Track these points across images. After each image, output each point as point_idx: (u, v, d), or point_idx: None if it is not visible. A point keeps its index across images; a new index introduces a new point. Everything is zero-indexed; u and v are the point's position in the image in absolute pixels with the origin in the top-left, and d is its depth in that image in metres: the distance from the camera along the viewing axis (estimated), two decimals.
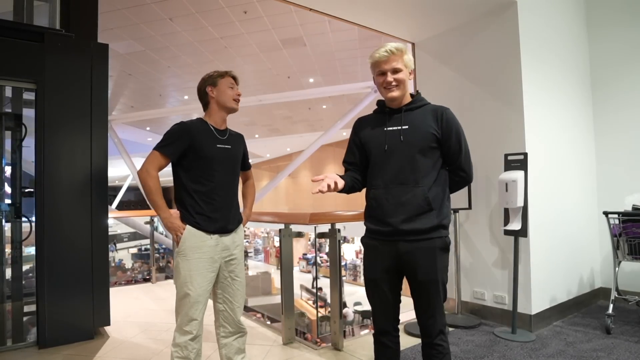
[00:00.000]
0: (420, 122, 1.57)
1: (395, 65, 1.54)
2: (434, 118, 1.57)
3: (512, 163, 2.84)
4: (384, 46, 1.56)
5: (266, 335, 2.89)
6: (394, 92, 1.56)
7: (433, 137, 1.55)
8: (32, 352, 2.58)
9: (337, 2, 3.03)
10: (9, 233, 2.83)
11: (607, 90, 3.62)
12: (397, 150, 1.56)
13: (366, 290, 1.68)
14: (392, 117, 1.61)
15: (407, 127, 1.57)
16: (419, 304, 1.58)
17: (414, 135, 1.55)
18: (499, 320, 2.98)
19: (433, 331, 1.56)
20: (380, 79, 1.58)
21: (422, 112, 1.60)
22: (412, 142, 1.54)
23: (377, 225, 1.58)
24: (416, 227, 1.51)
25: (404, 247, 1.53)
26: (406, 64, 1.57)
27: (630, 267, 3.30)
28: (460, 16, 3.20)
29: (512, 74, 2.95)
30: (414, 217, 1.51)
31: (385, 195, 1.56)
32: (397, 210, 1.53)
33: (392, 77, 1.55)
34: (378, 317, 1.65)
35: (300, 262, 7.17)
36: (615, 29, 3.57)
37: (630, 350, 2.43)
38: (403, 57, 1.56)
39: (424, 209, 1.51)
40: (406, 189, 1.53)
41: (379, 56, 1.55)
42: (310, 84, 9.63)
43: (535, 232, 2.88)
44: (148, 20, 6.18)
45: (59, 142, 2.74)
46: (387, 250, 1.56)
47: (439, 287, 1.54)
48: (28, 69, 2.68)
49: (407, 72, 1.58)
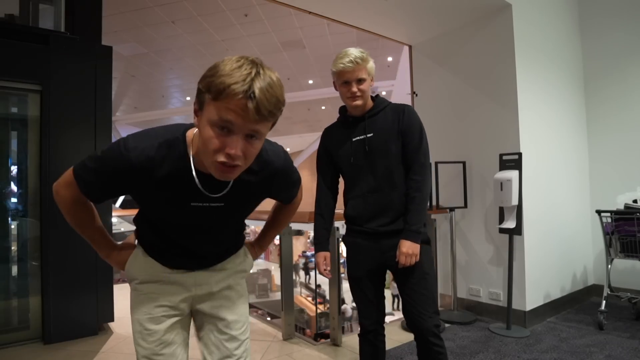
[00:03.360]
0: (383, 126, 1.58)
1: (360, 76, 1.53)
2: (396, 117, 1.58)
3: (507, 163, 2.89)
4: (348, 55, 1.52)
5: (266, 331, 2.94)
6: (358, 101, 1.56)
7: (398, 138, 1.56)
8: (37, 347, 2.63)
9: (336, 5, 3.08)
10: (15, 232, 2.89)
11: (600, 91, 3.68)
12: (366, 160, 1.58)
13: (350, 288, 1.68)
14: (357, 125, 1.62)
15: (371, 134, 1.57)
16: (405, 296, 1.56)
17: (379, 142, 1.56)
18: (494, 316, 3.04)
19: (423, 327, 1.51)
20: (343, 89, 1.57)
21: (383, 115, 1.60)
22: (379, 150, 1.56)
23: (358, 226, 1.62)
24: (395, 228, 1.54)
25: (387, 244, 1.55)
26: (369, 72, 1.56)
27: (622, 265, 3.36)
28: (457, 19, 3.26)
29: (507, 75, 3.01)
30: (394, 220, 1.55)
31: (364, 204, 1.58)
32: (375, 217, 1.56)
33: (357, 87, 1.54)
34: (363, 315, 1.64)
35: (300, 260, 7.24)
36: (608, 31, 3.63)
37: (622, 346, 2.48)
38: (367, 66, 1.54)
39: (401, 211, 1.55)
40: (383, 196, 1.56)
41: (343, 67, 1.52)
42: (309, 85, 9.71)
43: (529, 230, 2.94)
44: (151, 23, 6.25)
45: (64, 143, 2.79)
46: (369, 247, 1.59)
47: (423, 275, 1.54)
48: (33, 71, 2.72)
49: (369, 80, 1.57)
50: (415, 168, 1.56)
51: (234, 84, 0.74)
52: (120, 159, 0.86)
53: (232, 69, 0.76)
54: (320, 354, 2.49)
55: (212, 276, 1.09)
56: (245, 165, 0.84)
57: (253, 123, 0.78)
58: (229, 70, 0.76)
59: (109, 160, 0.88)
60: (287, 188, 1.13)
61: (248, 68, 0.76)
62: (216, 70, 0.77)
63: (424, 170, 1.56)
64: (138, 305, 1.05)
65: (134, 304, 1.06)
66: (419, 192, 1.54)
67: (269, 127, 0.84)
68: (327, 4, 3.07)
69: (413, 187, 1.55)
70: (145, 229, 1.07)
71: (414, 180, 1.56)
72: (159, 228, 1.03)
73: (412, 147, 1.56)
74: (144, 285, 1.06)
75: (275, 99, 0.78)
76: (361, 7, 3.08)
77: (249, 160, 0.84)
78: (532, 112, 3.09)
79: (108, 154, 0.89)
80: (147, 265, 1.06)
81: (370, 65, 1.57)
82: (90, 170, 0.91)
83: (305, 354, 2.51)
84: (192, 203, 0.94)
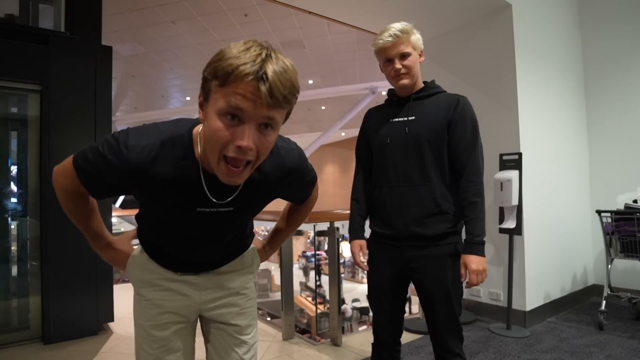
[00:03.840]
0: (430, 112, 1.37)
1: (403, 50, 1.34)
2: (447, 107, 1.37)
3: (507, 163, 2.90)
4: (388, 29, 1.35)
5: (266, 331, 2.94)
6: (405, 80, 1.37)
7: (444, 129, 1.35)
8: (38, 347, 2.63)
9: (336, 5, 3.08)
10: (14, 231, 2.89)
11: (600, 91, 3.68)
12: (400, 143, 1.38)
13: (368, 296, 1.54)
14: (401, 106, 1.43)
15: (413, 117, 1.38)
16: (429, 318, 1.41)
17: (421, 126, 1.36)
18: (494, 316, 3.04)
19: (443, 351, 1.39)
20: (387, 68, 1.39)
21: (434, 101, 1.40)
22: (418, 135, 1.35)
23: (381, 228, 1.43)
24: (422, 233, 1.34)
25: (409, 254, 1.37)
26: (415, 45, 1.37)
27: (622, 265, 3.35)
28: (457, 19, 3.26)
29: (507, 75, 3.01)
30: (420, 220, 1.34)
31: (389, 195, 1.39)
32: (401, 212, 1.37)
33: (401, 63, 1.35)
34: (378, 326, 1.48)
35: (300, 260, 7.28)
36: (608, 30, 3.63)
37: (622, 346, 2.48)
38: (410, 38, 1.35)
39: (431, 211, 1.34)
40: (411, 188, 1.36)
41: (382, 42, 1.35)
42: (309, 85, 9.70)
43: (529, 231, 2.94)
44: (151, 23, 6.25)
45: (64, 143, 2.78)
46: (391, 256, 1.40)
47: (450, 300, 1.35)
48: (33, 71, 2.72)
49: (416, 54, 1.38)
50: (472, 168, 1.35)
51: (243, 64, 0.66)
52: (119, 157, 0.78)
53: (240, 52, 0.68)
54: (320, 354, 2.49)
55: (217, 279, 1.03)
56: (257, 161, 0.75)
57: (266, 109, 0.69)
58: (237, 53, 0.68)
59: (108, 157, 0.79)
60: (301, 189, 1.03)
61: (258, 49, 0.69)
62: (223, 55, 0.70)
63: (481, 172, 1.37)
64: (141, 311, 0.99)
65: (137, 309, 1.01)
66: (480, 197, 1.34)
67: (284, 115, 0.74)
68: (327, 4, 3.07)
69: (472, 190, 1.33)
70: (147, 229, 1.01)
71: (472, 183, 1.34)
72: (161, 229, 0.97)
73: (464, 143, 1.36)
74: (146, 291, 0.99)
75: (290, 83, 0.70)
76: (361, 7, 3.08)
77: (262, 155, 0.74)
78: (532, 112, 3.09)
79: (107, 149, 0.79)
80: (148, 268, 0.99)
81: (415, 38, 1.37)
82: (90, 163, 0.82)
83: (305, 354, 2.51)
84: (198, 209, 0.86)
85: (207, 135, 0.73)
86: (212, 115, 0.71)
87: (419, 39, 1.39)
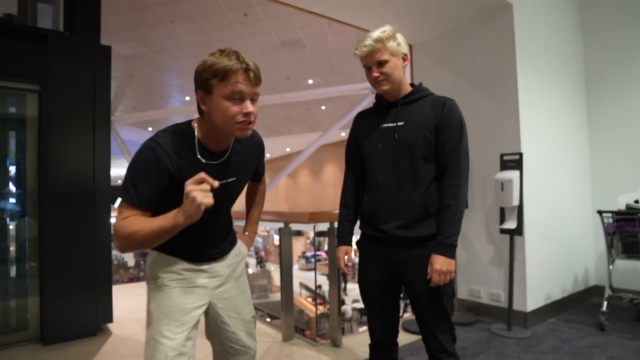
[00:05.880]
0: (418, 117, 1.39)
1: (379, 58, 1.37)
2: (434, 110, 1.39)
3: (508, 163, 2.89)
4: (364, 39, 1.38)
5: (266, 332, 2.93)
6: (385, 86, 1.40)
7: (432, 132, 1.37)
8: (36, 348, 2.62)
9: (336, 5, 3.07)
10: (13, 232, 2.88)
11: (601, 91, 3.67)
12: (391, 150, 1.41)
13: (362, 298, 1.55)
14: (389, 111, 1.45)
15: (402, 123, 1.40)
16: (419, 319, 1.42)
17: (410, 132, 1.38)
18: (495, 317, 3.03)
19: (436, 351, 1.39)
20: (367, 75, 1.43)
21: (421, 105, 1.42)
22: (408, 141, 1.38)
23: (371, 231, 1.46)
24: (411, 236, 1.37)
25: (399, 255, 1.40)
26: (393, 51, 1.38)
27: (623, 265, 3.34)
28: (458, 19, 3.25)
29: (507, 75, 3.00)
30: (409, 224, 1.37)
31: (380, 200, 1.42)
32: (391, 217, 1.39)
33: (378, 71, 1.38)
34: (374, 328, 1.50)
35: (300, 260, 7.30)
36: (609, 29, 3.62)
37: (624, 347, 2.48)
38: (387, 45, 1.37)
39: (420, 215, 1.37)
40: (401, 194, 1.39)
41: (359, 52, 1.39)
42: (309, 85, 9.69)
43: (530, 231, 2.93)
44: (150, 23, 6.24)
45: (62, 143, 2.78)
46: (382, 257, 1.43)
47: (441, 300, 1.36)
48: (32, 70, 2.71)
49: (395, 60, 1.39)
50: (452, 170, 1.36)
51: (234, 64, 1.01)
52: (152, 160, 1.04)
53: (223, 56, 1.02)
54: (320, 355, 2.49)
55: (224, 265, 1.27)
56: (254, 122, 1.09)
57: (254, 87, 1.06)
58: (222, 58, 1.02)
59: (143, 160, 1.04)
60: (262, 164, 1.41)
61: (233, 53, 1.03)
62: (212, 62, 1.02)
63: (462, 174, 1.36)
64: (166, 299, 1.13)
65: (160, 299, 1.14)
66: (455, 200, 1.34)
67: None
68: (327, 3, 3.06)
69: (448, 192, 1.35)
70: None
71: (449, 185, 1.35)
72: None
73: (449, 145, 1.36)
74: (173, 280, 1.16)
75: (258, 68, 1.07)
76: (361, 7, 3.07)
77: (256, 118, 1.09)
78: (533, 112, 3.08)
79: (141, 155, 1.05)
80: (170, 262, 1.17)
81: (392, 44, 1.37)
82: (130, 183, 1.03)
83: (305, 355, 2.50)
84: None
85: (218, 114, 1.05)
86: (219, 100, 1.04)
87: (400, 44, 1.40)
